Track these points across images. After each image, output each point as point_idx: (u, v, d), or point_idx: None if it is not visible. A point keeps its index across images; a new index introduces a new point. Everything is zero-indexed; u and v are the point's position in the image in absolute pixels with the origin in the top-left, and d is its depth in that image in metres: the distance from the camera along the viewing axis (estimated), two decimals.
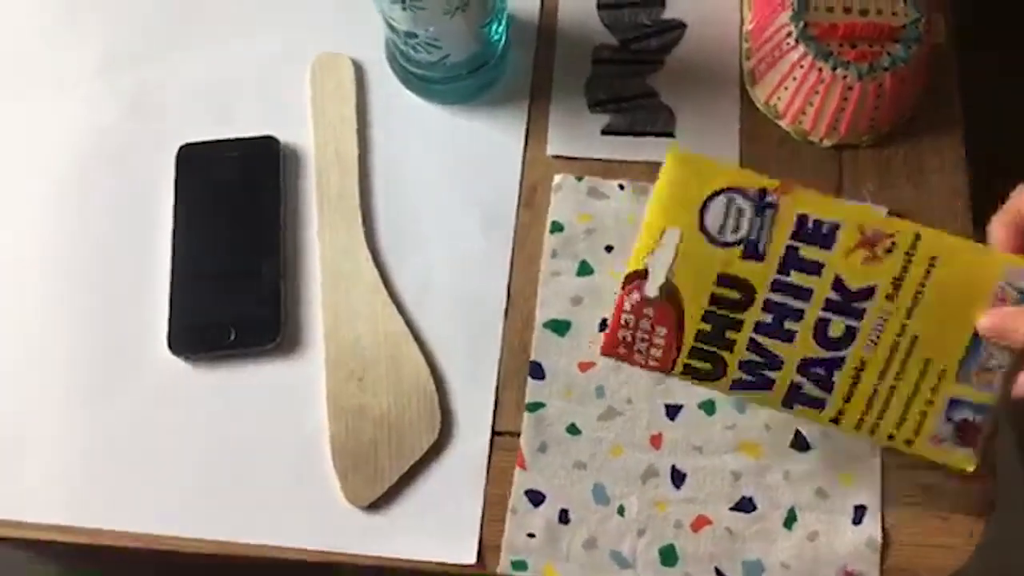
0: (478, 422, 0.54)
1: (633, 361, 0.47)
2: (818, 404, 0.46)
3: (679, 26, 0.63)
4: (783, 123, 0.60)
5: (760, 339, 0.46)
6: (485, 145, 0.60)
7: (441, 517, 0.52)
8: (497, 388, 0.55)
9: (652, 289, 0.46)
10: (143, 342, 0.56)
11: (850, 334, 0.45)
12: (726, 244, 0.45)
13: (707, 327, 0.46)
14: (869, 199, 0.58)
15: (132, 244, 0.58)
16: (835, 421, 0.46)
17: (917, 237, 0.45)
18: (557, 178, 0.59)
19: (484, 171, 0.60)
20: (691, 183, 0.45)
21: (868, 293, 0.45)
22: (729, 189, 0.45)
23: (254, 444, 0.54)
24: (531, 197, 0.59)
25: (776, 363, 0.46)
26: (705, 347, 0.46)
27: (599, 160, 0.60)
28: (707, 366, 0.46)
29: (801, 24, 0.57)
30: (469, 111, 0.61)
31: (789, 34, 0.57)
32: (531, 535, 0.52)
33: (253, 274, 0.56)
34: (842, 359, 0.46)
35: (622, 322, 0.46)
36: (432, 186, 0.59)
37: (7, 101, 0.63)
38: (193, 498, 0.53)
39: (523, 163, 0.60)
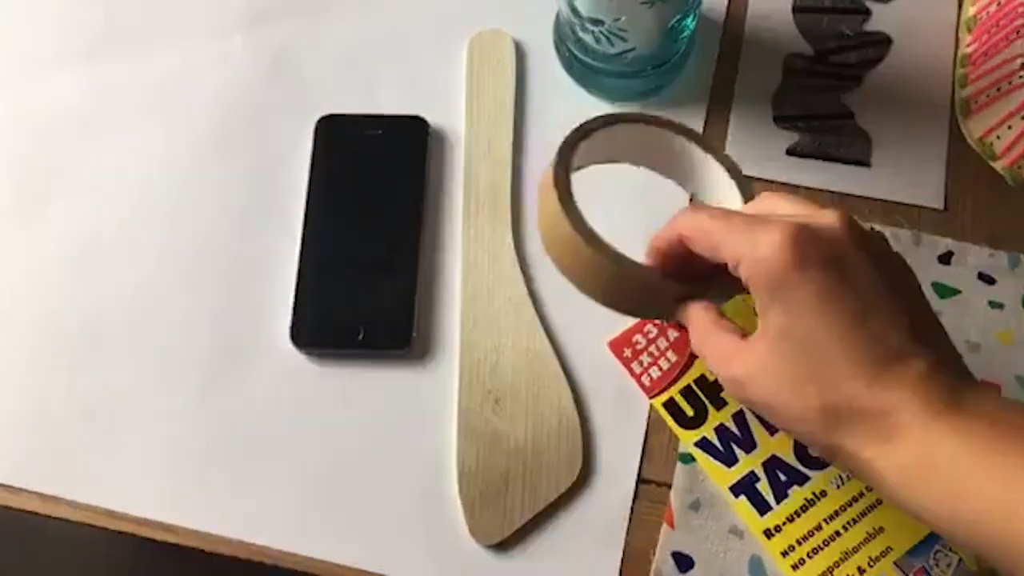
0: (623, 466, 0.48)
1: (629, 368, 0.48)
2: (763, 508, 0.46)
3: (884, 40, 0.56)
4: (998, 164, 0.52)
5: (748, 415, 0.47)
6: None
7: (574, 568, 0.46)
8: (647, 429, 0.49)
9: None
10: (263, 328, 0.51)
11: (826, 462, 0.45)
12: None
13: (711, 376, 0.47)
14: None
15: (260, 218, 0.53)
16: (768, 534, 0.45)
17: None
18: None
19: (652, 180, 0.53)
20: None
21: None
22: None
23: (372, 456, 0.49)
24: None
25: (749, 445, 0.47)
26: (699, 393, 0.48)
27: (781, 183, 0.53)
28: (690, 411, 0.48)
29: None
30: (638, 111, 0.55)
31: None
32: None
33: (388, 269, 0.51)
34: (807, 478, 0.46)
35: (644, 330, 0.49)
36: (591, 192, 0.53)
37: (146, 46, 0.58)
38: (300, 508, 0.48)
39: None
